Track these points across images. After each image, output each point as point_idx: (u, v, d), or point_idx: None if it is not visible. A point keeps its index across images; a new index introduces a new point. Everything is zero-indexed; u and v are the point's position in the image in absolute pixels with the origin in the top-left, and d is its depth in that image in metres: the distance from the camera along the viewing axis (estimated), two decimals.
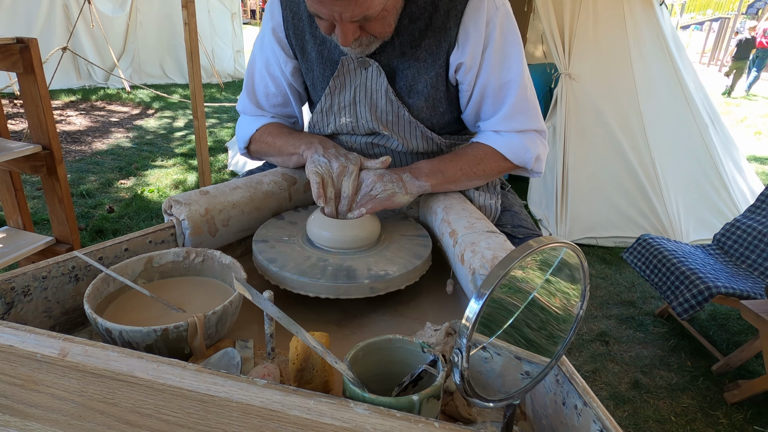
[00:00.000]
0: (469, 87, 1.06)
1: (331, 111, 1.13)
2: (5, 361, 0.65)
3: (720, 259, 2.54)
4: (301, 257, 0.95)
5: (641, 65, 3.69)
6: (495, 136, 1.10)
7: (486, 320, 0.56)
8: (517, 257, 0.49)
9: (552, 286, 0.57)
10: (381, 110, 1.09)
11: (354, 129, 1.13)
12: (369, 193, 0.99)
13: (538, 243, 0.50)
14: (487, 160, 1.09)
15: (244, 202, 1.05)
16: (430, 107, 1.09)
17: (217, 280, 0.90)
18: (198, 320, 0.71)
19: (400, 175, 1.03)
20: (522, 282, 0.55)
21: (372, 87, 1.07)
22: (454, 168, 1.07)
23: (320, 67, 1.11)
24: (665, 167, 3.58)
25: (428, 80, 1.06)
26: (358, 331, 0.90)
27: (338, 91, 1.10)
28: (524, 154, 1.10)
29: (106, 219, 3.56)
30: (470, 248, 0.86)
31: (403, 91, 1.08)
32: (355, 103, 1.10)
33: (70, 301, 0.84)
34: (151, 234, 0.93)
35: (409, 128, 1.11)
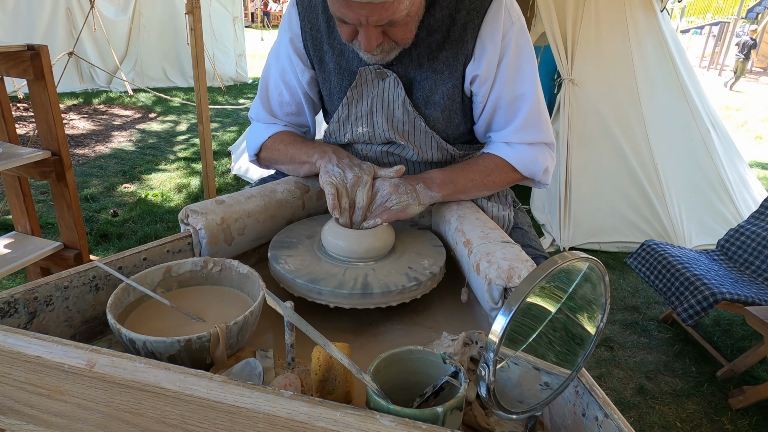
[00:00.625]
0: (483, 98, 1.08)
1: (348, 120, 1.14)
2: (32, 371, 0.66)
3: (724, 265, 2.55)
4: (316, 266, 0.96)
5: (643, 71, 3.71)
6: (506, 148, 1.11)
7: (509, 333, 0.57)
8: (543, 274, 0.50)
9: (573, 299, 0.58)
10: (398, 120, 1.11)
11: (371, 138, 1.14)
12: (384, 204, 1.00)
13: (563, 259, 0.52)
14: (498, 171, 1.11)
15: (258, 211, 1.06)
16: (446, 118, 1.11)
17: (234, 289, 0.91)
18: (220, 330, 0.72)
19: (413, 185, 1.04)
20: (546, 296, 0.56)
21: (389, 97, 1.09)
22: (465, 179, 1.09)
23: (338, 77, 1.12)
24: (668, 172, 3.59)
25: (445, 91, 1.07)
26: (373, 339, 0.91)
27: (355, 101, 1.12)
28: (533, 166, 1.11)
29: (110, 223, 3.57)
30: (486, 258, 0.88)
31: (420, 101, 1.09)
32: (372, 113, 1.12)
33: (90, 311, 0.85)
34: (169, 243, 0.94)
35: (425, 138, 1.12)
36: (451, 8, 1.02)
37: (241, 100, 7.89)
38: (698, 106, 3.86)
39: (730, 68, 14.36)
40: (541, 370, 0.65)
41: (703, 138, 3.77)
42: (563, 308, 0.58)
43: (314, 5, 1.09)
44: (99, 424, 0.67)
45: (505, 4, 1.02)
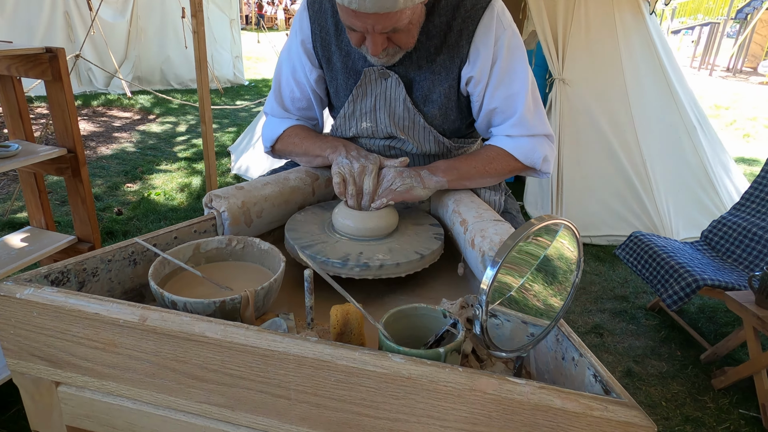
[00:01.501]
0: (479, 98, 1.19)
1: (353, 116, 1.26)
2: (90, 327, 0.77)
3: (707, 254, 2.68)
4: (327, 244, 1.07)
5: (632, 70, 3.84)
6: (506, 139, 1.22)
7: (496, 290, 0.68)
8: (524, 231, 0.61)
9: (551, 260, 0.69)
10: (398, 117, 1.22)
11: (373, 133, 1.25)
12: (389, 187, 1.11)
13: (540, 220, 0.63)
14: (499, 160, 1.21)
15: (274, 196, 1.17)
16: (443, 115, 1.22)
17: (256, 264, 1.02)
18: (250, 294, 0.83)
19: (418, 171, 1.16)
20: (527, 255, 0.67)
21: (391, 96, 1.20)
22: (469, 165, 1.20)
23: (344, 76, 1.23)
24: (656, 168, 3.72)
25: (442, 91, 1.18)
26: (380, 308, 1.02)
27: (360, 98, 1.23)
28: (533, 155, 1.21)
29: (115, 221, 3.66)
30: (480, 234, 0.99)
31: (419, 100, 1.20)
32: (375, 110, 1.23)
33: (128, 282, 0.96)
34: (196, 224, 1.05)
35: (423, 133, 1.23)
36: (449, 16, 1.13)
37: (239, 101, 7.99)
38: (684, 104, 4.00)
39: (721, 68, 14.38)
40: (528, 323, 0.76)
41: (690, 134, 3.90)
42: (543, 266, 0.70)
43: (324, 9, 1.21)
44: (148, 373, 0.78)
45: (497, 12, 1.14)
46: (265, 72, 10.89)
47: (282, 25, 21.49)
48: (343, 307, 0.82)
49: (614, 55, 3.81)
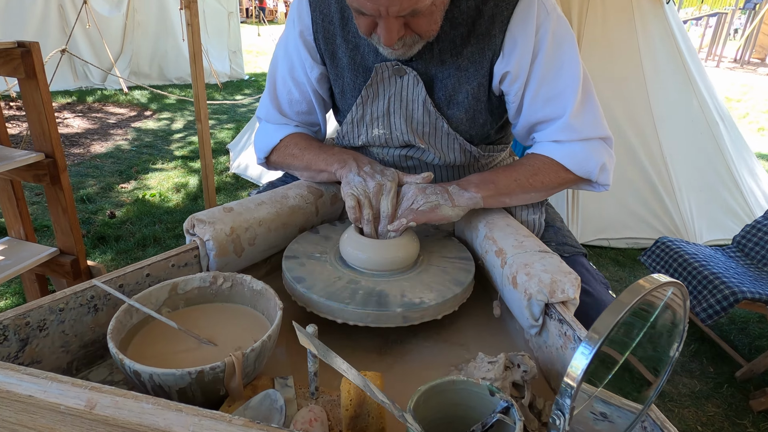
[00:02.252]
0: (516, 98, 0.99)
1: (362, 122, 1.06)
2: (24, 411, 0.58)
3: (741, 262, 2.48)
4: (332, 278, 0.88)
5: (651, 63, 3.63)
6: (553, 146, 1.01)
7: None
8: (630, 302, 0.42)
9: (649, 327, 0.50)
10: (417, 122, 1.03)
11: (387, 141, 1.06)
12: (410, 206, 0.92)
13: (650, 283, 0.44)
14: (545, 171, 1.00)
15: (270, 219, 0.98)
16: (470, 119, 1.02)
17: (247, 307, 0.83)
18: (236, 360, 0.64)
19: (445, 187, 0.96)
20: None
21: (408, 96, 1.00)
22: (508, 179, 0.99)
23: (351, 74, 1.04)
24: (677, 166, 3.52)
25: (469, 90, 0.99)
26: (400, 359, 0.84)
27: (371, 100, 1.03)
28: (587, 164, 0.99)
29: (107, 225, 3.48)
30: (524, 270, 0.80)
31: (442, 101, 1.01)
32: (389, 114, 1.03)
33: (89, 333, 0.77)
34: (174, 257, 0.86)
35: (447, 140, 1.04)
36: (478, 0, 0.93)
37: (238, 96, 7.78)
38: (706, 99, 3.79)
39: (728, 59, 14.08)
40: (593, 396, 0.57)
41: (712, 131, 3.70)
42: (633, 338, 0.51)
43: None
44: None
45: None
46: (265, 66, 10.66)
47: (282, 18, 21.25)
48: None
49: (632, 47, 3.60)
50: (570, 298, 0.75)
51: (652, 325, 0.48)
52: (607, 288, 1.03)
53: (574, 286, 0.75)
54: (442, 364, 0.82)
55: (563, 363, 0.74)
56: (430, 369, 0.81)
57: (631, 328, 0.47)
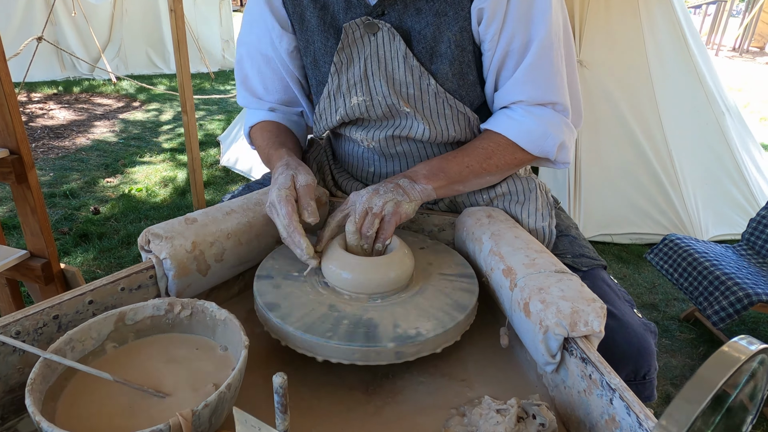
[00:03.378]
0: (491, 45, 0.86)
1: (339, 93, 0.95)
2: None
3: (753, 260, 2.36)
4: (311, 304, 0.75)
5: (655, 51, 3.49)
6: (507, 122, 0.91)
7: None
8: (718, 383, 0.29)
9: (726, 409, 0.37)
10: (399, 82, 0.91)
11: (368, 109, 0.94)
12: (373, 212, 0.80)
13: (740, 352, 0.31)
14: (500, 153, 0.91)
15: (241, 230, 0.85)
16: (457, 74, 0.90)
17: (209, 338, 0.70)
18: (184, 422, 0.51)
19: (395, 182, 0.85)
20: None
21: (386, 55, 0.89)
22: (460, 165, 0.89)
23: (322, 37, 0.92)
24: (682, 159, 3.39)
25: (452, 38, 0.86)
26: (391, 400, 0.71)
27: (345, 66, 0.92)
28: (544, 143, 0.90)
29: (91, 221, 3.33)
30: (538, 296, 0.67)
31: (424, 56, 0.88)
32: (367, 78, 0.91)
33: (16, 376, 0.64)
34: (124, 279, 0.73)
35: (436, 104, 0.92)
36: None
37: (229, 86, 7.60)
38: (712, 88, 3.65)
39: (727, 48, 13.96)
40: None
41: (718, 122, 3.57)
42: None
43: None
44: None
45: None
46: None
47: None
48: None
49: (636, 34, 3.46)
50: (594, 332, 0.63)
51: (730, 405, 0.36)
52: (632, 306, 0.90)
53: (599, 317, 0.63)
54: (440, 405, 0.70)
55: (586, 410, 0.62)
56: (427, 413, 0.68)
57: (707, 417, 0.34)
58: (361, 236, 0.80)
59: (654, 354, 0.83)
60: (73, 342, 0.63)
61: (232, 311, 0.69)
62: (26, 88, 6.30)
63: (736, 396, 0.36)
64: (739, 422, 0.39)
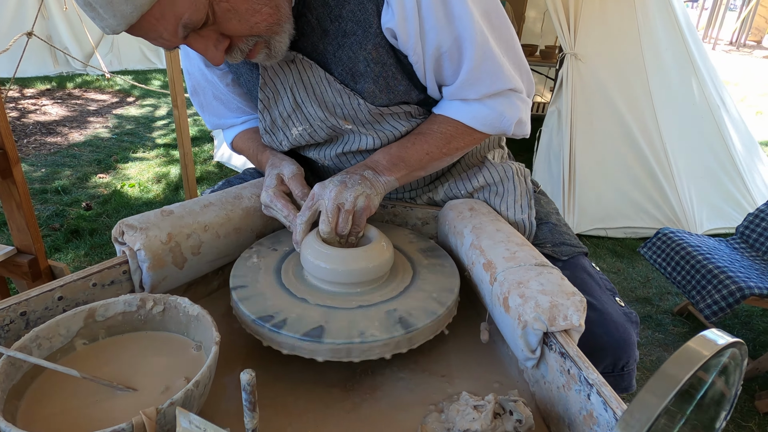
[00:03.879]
0: (416, 56, 0.81)
1: (275, 127, 0.93)
2: None
3: (746, 254, 2.36)
4: (290, 301, 0.73)
5: (650, 43, 3.47)
6: (461, 107, 0.88)
7: None
8: (682, 379, 0.28)
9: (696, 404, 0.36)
10: (333, 104, 0.88)
11: (311, 136, 0.92)
12: (345, 209, 0.78)
13: (705, 348, 0.30)
14: (458, 137, 0.90)
15: (219, 223, 0.83)
16: (384, 89, 0.85)
17: (182, 336, 0.69)
18: (147, 420, 0.50)
19: (360, 173, 0.84)
20: None
21: (310, 80, 0.86)
22: (419, 152, 0.89)
23: (247, 70, 0.92)
24: (677, 153, 3.38)
25: (368, 56, 0.82)
26: (369, 396, 0.70)
27: (272, 101, 0.90)
28: (500, 123, 0.89)
29: (82, 218, 3.31)
30: (517, 290, 0.66)
31: (345, 77, 0.85)
32: (299, 106, 0.89)
33: None
34: (96, 274, 0.71)
35: (373, 117, 0.89)
36: None
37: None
38: (707, 81, 3.64)
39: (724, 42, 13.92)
40: None
41: (714, 115, 3.55)
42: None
43: None
44: None
45: None
46: None
47: None
48: None
49: (631, 27, 3.44)
50: (574, 326, 0.61)
51: (699, 401, 0.34)
52: (614, 295, 0.89)
53: (579, 310, 0.61)
54: (419, 401, 0.68)
55: (565, 406, 0.60)
56: (405, 410, 0.67)
57: (673, 413, 0.33)
58: (337, 234, 0.79)
59: (634, 344, 0.82)
60: (40, 339, 0.61)
61: (210, 307, 0.68)
62: (19, 84, 6.26)
63: (705, 392, 0.34)
64: (712, 417, 0.37)
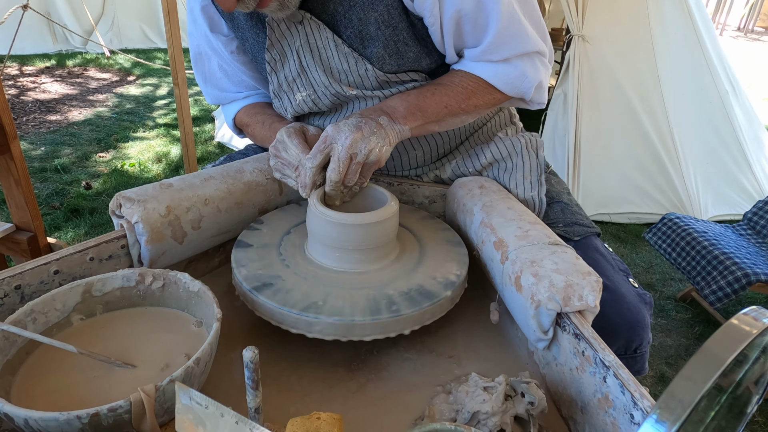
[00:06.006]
0: (433, 18, 0.78)
1: (281, 91, 0.90)
2: None
3: (753, 240, 2.33)
4: (294, 277, 0.71)
5: (660, 26, 3.40)
6: (483, 65, 0.84)
7: None
8: (726, 359, 0.26)
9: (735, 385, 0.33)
10: (338, 70, 0.85)
11: (315, 103, 0.89)
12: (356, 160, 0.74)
13: (751, 325, 0.27)
14: (478, 93, 0.85)
15: (219, 197, 0.81)
16: (394, 54, 0.82)
17: (182, 311, 0.67)
18: (146, 398, 0.48)
19: (376, 119, 0.78)
20: None
21: (317, 43, 0.83)
22: (438, 104, 0.83)
23: (253, 33, 0.88)
24: (683, 137, 3.33)
25: (379, 18, 0.79)
26: (374, 376, 0.68)
27: (279, 63, 0.87)
28: (521, 84, 0.85)
29: (82, 196, 3.29)
30: (530, 269, 0.63)
31: (354, 41, 0.82)
32: (304, 71, 0.86)
33: None
34: (93, 248, 0.69)
35: (380, 84, 0.86)
36: None
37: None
38: (716, 66, 3.58)
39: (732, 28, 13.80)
40: None
41: (722, 100, 3.50)
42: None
43: None
44: None
45: None
46: None
47: None
48: (309, 421, 0.48)
49: (641, 9, 3.37)
50: (589, 307, 0.59)
51: (738, 382, 0.32)
52: (627, 276, 0.86)
53: (594, 291, 0.59)
54: (426, 382, 0.66)
55: (578, 388, 0.58)
56: (412, 391, 0.65)
57: (713, 395, 0.31)
58: (343, 185, 0.75)
59: (648, 326, 0.79)
60: (35, 313, 0.59)
61: (211, 284, 0.65)
62: (18, 61, 6.19)
63: (745, 374, 0.32)
64: (744, 403, 0.35)
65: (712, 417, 0.30)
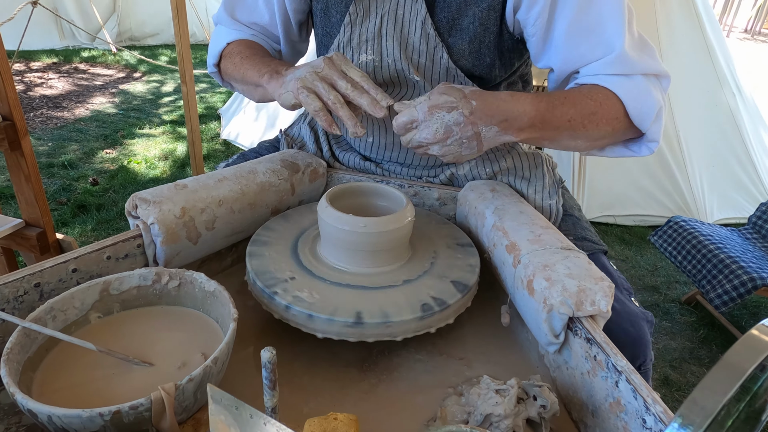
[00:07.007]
0: (536, 29, 0.78)
1: (349, 46, 0.90)
2: None
3: (759, 244, 2.33)
4: (306, 277, 0.72)
5: (667, 28, 3.39)
6: (610, 78, 0.79)
7: None
8: (746, 371, 0.26)
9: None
10: (413, 48, 0.86)
11: (375, 71, 0.90)
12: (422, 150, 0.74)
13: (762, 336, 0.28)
14: (604, 109, 0.78)
15: (233, 198, 0.82)
16: (474, 52, 0.84)
17: (198, 311, 0.67)
18: (166, 396, 0.48)
19: (477, 131, 0.72)
20: None
21: (405, 16, 0.84)
22: (562, 117, 0.76)
23: None
24: (690, 139, 3.33)
25: (477, 14, 0.81)
26: (386, 377, 0.68)
27: (360, 19, 0.87)
28: (646, 100, 0.78)
29: (89, 192, 3.30)
30: (542, 273, 0.64)
31: (444, 25, 0.83)
32: (380, 36, 0.87)
33: None
34: (110, 247, 0.70)
35: (447, 78, 0.87)
36: None
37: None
38: (724, 68, 3.57)
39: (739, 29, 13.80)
40: None
41: (729, 103, 3.49)
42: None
43: None
44: None
45: None
46: None
47: None
48: (326, 422, 0.48)
49: (648, 9, 3.36)
50: (601, 312, 0.60)
51: (755, 393, 0.32)
52: (630, 295, 0.87)
53: (607, 296, 0.60)
54: (437, 384, 0.67)
55: (589, 392, 0.59)
56: (423, 392, 0.66)
57: (732, 404, 0.31)
58: None
59: (650, 344, 0.79)
60: (55, 311, 0.60)
61: (224, 284, 0.66)
62: (25, 57, 6.22)
63: (761, 384, 0.33)
64: (759, 409, 0.36)
65: (729, 425, 0.31)
